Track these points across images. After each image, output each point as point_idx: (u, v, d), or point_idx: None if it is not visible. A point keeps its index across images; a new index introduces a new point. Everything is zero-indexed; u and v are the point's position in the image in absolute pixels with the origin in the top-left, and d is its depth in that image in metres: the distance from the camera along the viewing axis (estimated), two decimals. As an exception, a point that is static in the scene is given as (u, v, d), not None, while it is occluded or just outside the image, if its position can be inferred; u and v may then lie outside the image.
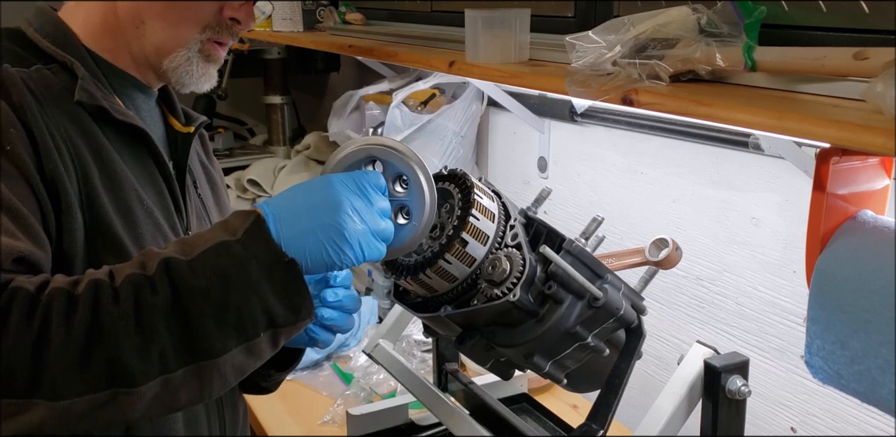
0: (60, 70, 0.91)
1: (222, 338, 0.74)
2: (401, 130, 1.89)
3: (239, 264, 0.74)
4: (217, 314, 0.73)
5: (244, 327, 0.74)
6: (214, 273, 0.74)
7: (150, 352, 0.71)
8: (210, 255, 0.75)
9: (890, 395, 0.79)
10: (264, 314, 0.75)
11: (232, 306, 0.73)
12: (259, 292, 0.74)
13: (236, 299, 0.74)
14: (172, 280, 0.73)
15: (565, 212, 1.76)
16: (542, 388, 1.61)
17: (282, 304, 0.76)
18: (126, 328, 0.70)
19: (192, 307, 0.72)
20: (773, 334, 1.31)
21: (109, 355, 0.70)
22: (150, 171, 0.97)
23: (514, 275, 0.81)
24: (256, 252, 0.75)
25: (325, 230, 0.76)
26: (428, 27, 1.58)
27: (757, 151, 1.25)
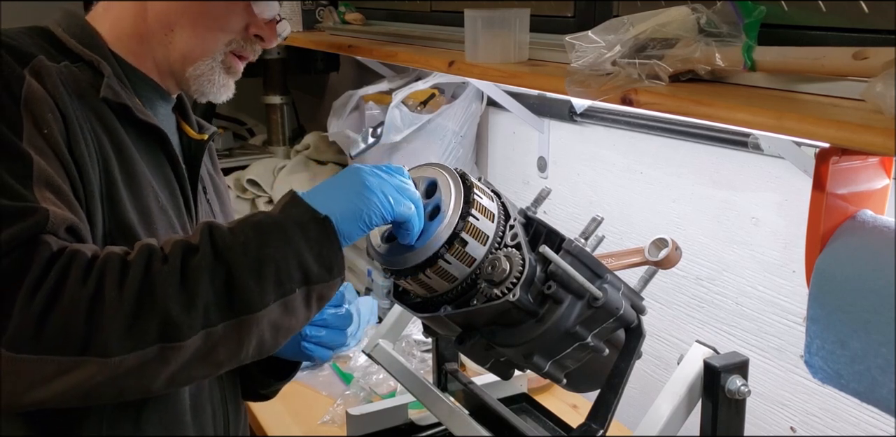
0: (87, 68, 0.93)
1: (260, 292, 0.77)
2: (400, 130, 1.89)
3: (274, 221, 0.80)
4: (255, 268, 0.77)
5: (280, 281, 0.78)
6: (252, 229, 0.79)
7: (196, 308, 0.75)
8: (249, 218, 0.81)
9: (890, 395, 0.79)
10: (299, 269, 0.79)
11: (268, 259, 0.78)
12: (294, 247, 0.79)
13: (272, 253, 0.78)
14: (213, 239, 0.78)
15: (565, 212, 1.76)
16: (542, 388, 1.61)
17: (315, 260, 0.80)
18: (173, 285, 0.74)
19: (232, 263, 0.77)
20: (772, 334, 1.31)
21: (158, 311, 0.74)
22: (166, 171, 1.00)
23: (514, 275, 0.81)
24: (291, 212, 0.81)
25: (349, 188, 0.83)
26: (427, 27, 1.58)
27: (756, 150, 1.25)
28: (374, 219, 0.82)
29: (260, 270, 0.77)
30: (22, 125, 0.82)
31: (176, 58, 1.00)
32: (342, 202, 0.82)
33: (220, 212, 1.15)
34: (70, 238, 0.79)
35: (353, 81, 2.70)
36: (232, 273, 0.76)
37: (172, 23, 0.98)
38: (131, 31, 0.99)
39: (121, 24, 0.99)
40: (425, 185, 0.90)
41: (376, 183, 0.83)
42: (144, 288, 0.74)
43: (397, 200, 0.83)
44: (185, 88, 1.04)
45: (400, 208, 0.83)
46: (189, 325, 0.74)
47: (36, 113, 0.83)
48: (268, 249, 0.78)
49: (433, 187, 0.90)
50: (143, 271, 0.75)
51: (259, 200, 2.38)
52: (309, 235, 0.79)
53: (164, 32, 0.99)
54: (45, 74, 0.87)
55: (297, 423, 1.57)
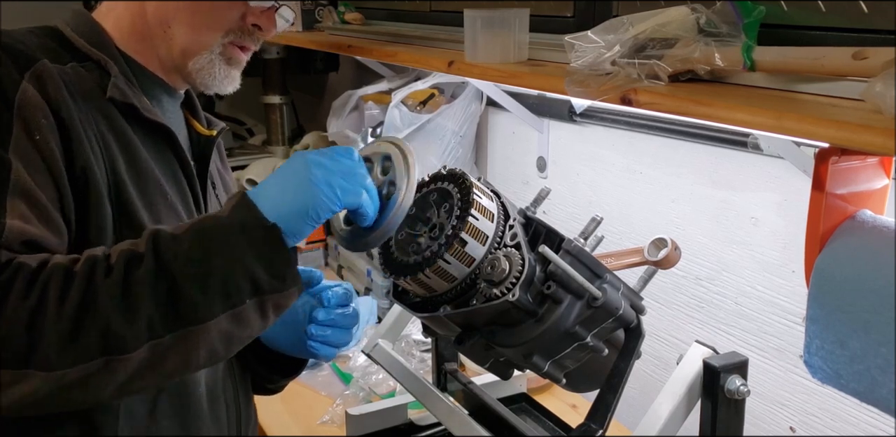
0: (94, 68, 0.94)
1: (207, 304, 0.76)
2: (400, 129, 1.89)
3: (220, 227, 0.78)
4: (201, 280, 0.76)
5: (228, 293, 0.77)
6: (198, 238, 0.77)
7: (139, 320, 0.74)
8: (195, 224, 0.79)
9: (889, 395, 0.79)
10: (248, 280, 0.77)
11: (215, 271, 0.76)
12: (241, 258, 0.77)
13: (219, 264, 0.76)
14: (157, 248, 0.76)
15: (564, 212, 1.76)
16: (542, 388, 1.61)
17: (265, 270, 0.78)
18: (115, 298, 0.74)
19: (177, 274, 0.75)
20: (772, 334, 1.31)
21: (101, 325, 0.73)
22: (174, 168, 1.00)
23: (514, 275, 0.81)
24: (238, 218, 0.78)
25: (293, 182, 0.80)
26: (427, 27, 1.58)
27: (756, 150, 1.25)
28: (322, 214, 0.80)
29: (205, 281, 0.76)
30: (11, 132, 0.82)
31: (176, 53, 1.00)
32: (289, 200, 0.80)
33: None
34: (25, 251, 0.78)
35: (353, 80, 2.70)
36: (176, 284, 0.75)
37: (169, 19, 0.99)
38: (133, 29, 1.00)
39: (122, 23, 1.00)
40: (381, 161, 0.88)
41: (321, 175, 0.80)
42: (86, 301, 0.73)
43: (345, 189, 0.81)
44: (189, 81, 1.04)
45: (349, 198, 0.81)
46: (134, 337, 0.74)
47: (28, 119, 0.83)
48: (214, 259, 0.76)
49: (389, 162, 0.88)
50: (85, 284, 0.74)
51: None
52: (257, 243, 0.78)
53: (163, 29, 0.99)
54: (46, 77, 0.87)
55: (296, 423, 1.57)
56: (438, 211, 0.90)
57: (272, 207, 0.79)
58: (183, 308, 0.75)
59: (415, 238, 0.90)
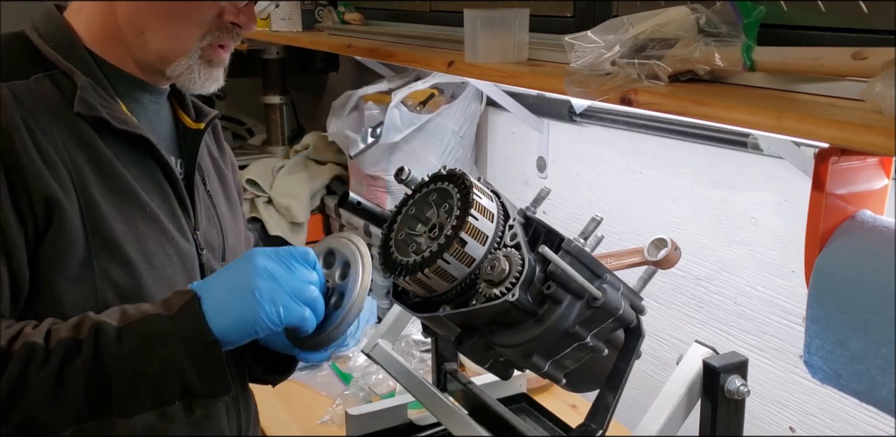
0: (62, 77, 0.91)
1: (135, 402, 0.80)
2: (400, 130, 1.89)
3: (162, 336, 0.80)
4: (133, 380, 0.79)
5: (159, 394, 0.80)
6: (139, 341, 0.79)
7: (67, 408, 0.78)
8: (139, 323, 0.80)
9: (889, 395, 0.79)
10: (180, 385, 0.81)
11: (149, 374, 0.79)
12: (177, 366, 0.80)
13: (154, 369, 0.79)
14: (97, 344, 0.78)
15: (564, 212, 1.76)
16: (541, 388, 1.61)
17: (199, 378, 0.81)
18: (45, 392, 0.77)
19: (112, 373, 0.78)
20: (771, 334, 1.31)
21: (28, 413, 0.76)
22: (155, 175, 0.97)
23: (513, 275, 0.81)
24: (182, 327, 0.80)
25: (239, 293, 0.82)
26: (427, 27, 1.58)
27: (756, 150, 1.25)
28: (261, 331, 0.82)
29: (138, 382, 0.79)
30: None
31: (154, 59, 0.96)
32: (232, 311, 0.81)
33: (224, 200, 1.14)
34: None
35: (353, 80, 2.70)
36: (109, 381, 0.78)
37: (142, 25, 0.95)
38: (105, 32, 0.96)
39: (94, 23, 0.96)
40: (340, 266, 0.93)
41: (266, 289, 0.82)
42: (15, 393, 0.76)
43: (288, 308, 0.82)
44: (171, 81, 1.01)
45: (291, 317, 0.83)
46: (58, 423, 0.78)
47: None
48: (152, 364, 0.79)
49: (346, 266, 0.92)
50: (18, 375, 0.76)
51: (258, 200, 2.38)
52: (196, 355, 0.80)
53: (136, 35, 0.95)
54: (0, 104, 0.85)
55: (296, 423, 1.57)
56: (438, 211, 0.90)
57: (216, 314, 0.81)
58: (112, 403, 0.79)
59: (414, 238, 0.90)
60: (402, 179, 0.98)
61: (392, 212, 0.96)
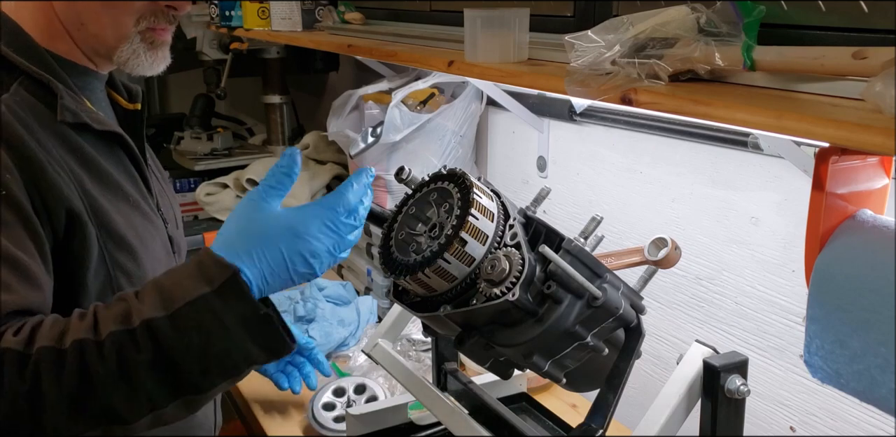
0: (32, 82, 0.93)
1: (208, 381, 0.81)
2: (400, 129, 1.89)
3: (218, 319, 0.79)
4: (201, 363, 0.80)
5: (227, 370, 0.82)
6: (195, 330, 0.79)
7: (140, 399, 0.78)
8: (191, 311, 0.79)
9: (889, 394, 0.79)
10: (245, 359, 0.82)
11: (214, 355, 0.80)
12: (239, 343, 0.81)
13: (218, 350, 0.80)
14: (156, 339, 0.78)
15: (564, 211, 1.76)
16: (542, 387, 1.61)
17: (261, 349, 0.82)
18: (114, 382, 0.77)
19: (178, 361, 0.79)
20: (772, 334, 1.31)
21: (101, 405, 0.77)
22: (125, 164, 1.02)
23: (514, 274, 0.81)
24: (234, 306, 0.80)
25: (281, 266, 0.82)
26: (427, 27, 1.58)
27: (756, 150, 1.25)
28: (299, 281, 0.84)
29: (207, 364, 0.80)
30: None
31: (99, 49, 1.01)
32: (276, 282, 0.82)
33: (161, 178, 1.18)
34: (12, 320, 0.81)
35: (353, 80, 2.70)
36: (177, 370, 0.79)
37: (80, 17, 0.98)
38: (52, 29, 0.99)
39: (39, 22, 0.98)
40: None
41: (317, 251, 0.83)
42: (84, 385, 0.76)
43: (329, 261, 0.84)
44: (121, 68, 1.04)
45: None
46: (135, 412, 0.78)
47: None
48: (213, 346, 0.80)
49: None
50: (79, 368, 0.76)
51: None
52: (255, 332, 0.81)
53: (77, 27, 0.99)
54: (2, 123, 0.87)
55: (296, 423, 1.57)
56: (438, 211, 0.90)
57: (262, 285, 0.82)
58: (184, 385, 0.80)
59: (414, 238, 0.90)
60: (403, 179, 0.98)
61: (392, 211, 0.96)
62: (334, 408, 1.54)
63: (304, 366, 1.40)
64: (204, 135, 2.71)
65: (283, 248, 0.81)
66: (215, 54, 2.55)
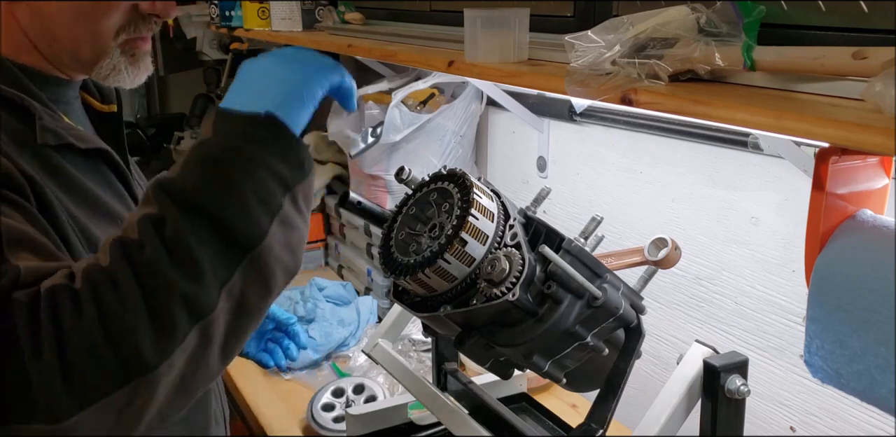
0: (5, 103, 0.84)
1: (253, 222, 0.71)
2: (400, 129, 1.89)
3: (220, 144, 0.73)
4: (235, 201, 0.70)
5: (265, 200, 0.72)
6: (204, 167, 0.72)
7: (201, 270, 0.68)
8: (191, 158, 0.73)
9: (889, 394, 0.79)
10: (274, 179, 0.72)
11: (242, 187, 0.71)
12: (256, 160, 0.72)
13: (241, 179, 0.71)
14: (173, 197, 0.70)
15: (564, 211, 1.76)
16: (542, 387, 1.61)
17: (283, 162, 0.73)
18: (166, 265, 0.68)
19: (209, 208, 0.69)
20: (772, 334, 1.31)
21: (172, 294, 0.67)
22: (112, 182, 0.94)
23: (514, 274, 0.81)
24: (228, 126, 0.73)
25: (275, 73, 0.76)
26: (427, 27, 1.58)
27: (756, 150, 1.25)
28: (317, 90, 0.77)
29: (240, 200, 0.70)
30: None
31: (74, 66, 0.90)
32: (275, 89, 0.75)
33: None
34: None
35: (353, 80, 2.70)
36: (213, 218, 0.69)
37: (51, 33, 0.87)
38: (19, 43, 0.88)
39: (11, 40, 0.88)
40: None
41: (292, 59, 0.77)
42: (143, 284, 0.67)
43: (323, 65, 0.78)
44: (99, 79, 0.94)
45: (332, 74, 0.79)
46: (206, 291, 0.68)
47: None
48: (233, 177, 0.71)
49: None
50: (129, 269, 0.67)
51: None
52: (259, 137, 0.73)
53: (47, 44, 0.87)
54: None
55: (296, 422, 1.57)
56: (438, 211, 0.90)
57: (255, 99, 0.75)
58: (234, 238, 0.70)
59: (415, 238, 0.90)
60: (403, 179, 0.98)
61: (392, 212, 0.96)
62: (334, 409, 1.54)
63: (282, 340, 1.29)
64: (204, 135, 2.71)
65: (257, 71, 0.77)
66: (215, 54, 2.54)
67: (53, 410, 0.64)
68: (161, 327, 0.67)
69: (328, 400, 1.56)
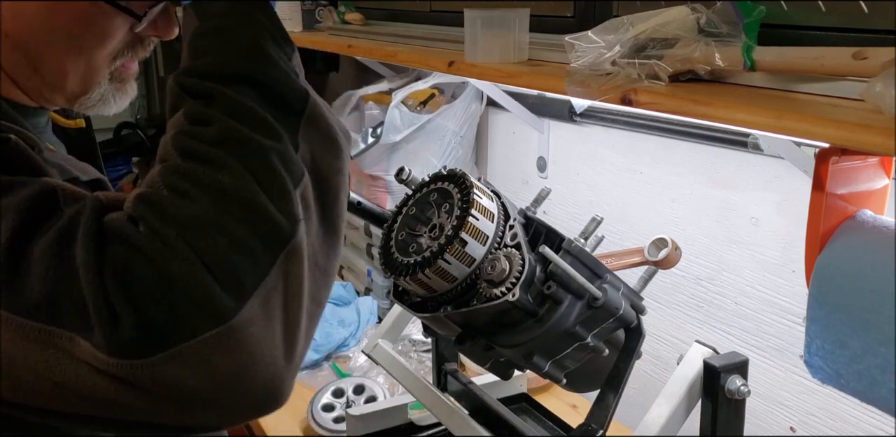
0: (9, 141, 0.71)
1: (291, 76, 0.68)
2: (400, 129, 1.89)
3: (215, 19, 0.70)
4: (259, 59, 0.67)
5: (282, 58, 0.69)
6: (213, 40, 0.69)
7: (279, 134, 0.64)
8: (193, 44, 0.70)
9: (889, 394, 0.79)
10: (281, 41, 0.70)
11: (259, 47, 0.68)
12: (256, 21, 0.70)
13: (254, 40, 0.68)
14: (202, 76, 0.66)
15: (564, 212, 1.76)
16: (542, 388, 1.61)
17: (274, 25, 0.71)
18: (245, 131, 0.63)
19: (241, 71, 0.66)
20: (772, 334, 1.31)
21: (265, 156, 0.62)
22: None
23: (514, 275, 0.81)
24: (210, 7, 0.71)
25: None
26: (427, 27, 1.58)
27: (756, 150, 1.25)
28: None
29: (269, 61, 0.67)
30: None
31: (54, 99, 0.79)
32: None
33: None
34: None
35: (353, 80, 2.70)
36: (256, 84, 0.66)
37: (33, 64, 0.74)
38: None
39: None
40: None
41: None
42: (234, 153, 0.61)
43: None
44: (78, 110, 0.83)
45: None
46: (289, 151, 0.63)
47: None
48: (251, 41, 0.68)
49: None
50: (210, 146, 0.62)
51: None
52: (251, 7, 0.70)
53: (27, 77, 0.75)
54: None
55: (296, 422, 1.57)
56: (438, 211, 0.90)
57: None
58: (282, 97, 0.66)
59: (415, 238, 0.90)
60: (403, 179, 0.98)
61: (392, 212, 0.96)
62: (334, 409, 1.54)
63: None
64: (204, 135, 2.70)
65: None
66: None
67: (217, 310, 0.56)
68: (279, 193, 0.61)
69: (328, 401, 1.56)
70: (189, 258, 0.56)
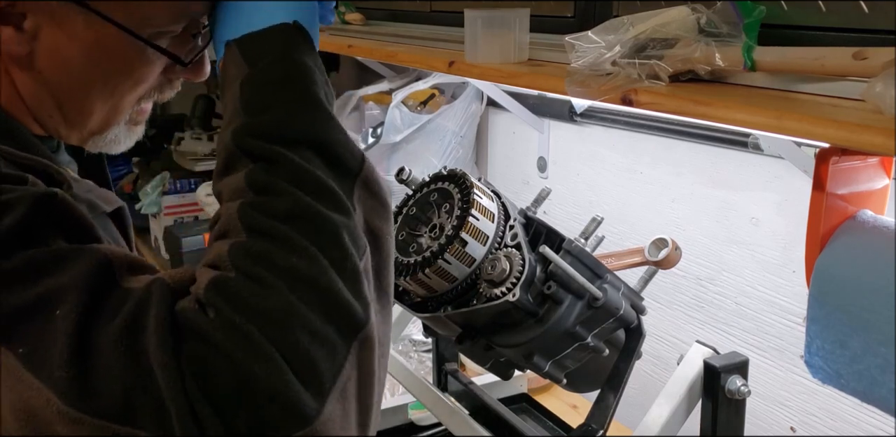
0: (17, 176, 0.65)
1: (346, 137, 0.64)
2: (400, 130, 1.89)
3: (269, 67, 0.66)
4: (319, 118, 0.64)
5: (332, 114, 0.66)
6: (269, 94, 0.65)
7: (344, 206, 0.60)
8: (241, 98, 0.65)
9: (889, 394, 0.79)
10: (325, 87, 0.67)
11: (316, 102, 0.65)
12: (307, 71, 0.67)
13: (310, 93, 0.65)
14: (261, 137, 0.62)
15: (565, 212, 1.76)
16: (542, 388, 1.61)
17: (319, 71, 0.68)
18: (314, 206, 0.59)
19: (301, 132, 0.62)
20: (772, 334, 1.31)
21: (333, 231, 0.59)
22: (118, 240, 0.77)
23: (514, 275, 0.81)
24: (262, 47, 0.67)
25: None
26: (427, 27, 1.58)
27: (756, 150, 1.25)
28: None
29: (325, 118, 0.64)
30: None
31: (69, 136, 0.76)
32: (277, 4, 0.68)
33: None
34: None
35: (353, 80, 2.70)
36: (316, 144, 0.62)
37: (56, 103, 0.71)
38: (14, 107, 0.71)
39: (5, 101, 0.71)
40: None
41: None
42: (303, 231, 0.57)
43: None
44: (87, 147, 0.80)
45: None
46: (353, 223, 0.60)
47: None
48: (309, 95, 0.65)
49: None
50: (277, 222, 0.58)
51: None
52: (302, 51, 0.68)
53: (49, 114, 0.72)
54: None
55: (296, 423, 1.57)
56: (439, 211, 0.90)
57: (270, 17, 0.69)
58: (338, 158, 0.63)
59: (415, 238, 0.90)
60: (403, 179, 0.98)
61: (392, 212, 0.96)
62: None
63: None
64: (204, 135, 2.70)
65: None
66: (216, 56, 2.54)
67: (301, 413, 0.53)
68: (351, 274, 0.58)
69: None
70: (272, 358, 0.53)
